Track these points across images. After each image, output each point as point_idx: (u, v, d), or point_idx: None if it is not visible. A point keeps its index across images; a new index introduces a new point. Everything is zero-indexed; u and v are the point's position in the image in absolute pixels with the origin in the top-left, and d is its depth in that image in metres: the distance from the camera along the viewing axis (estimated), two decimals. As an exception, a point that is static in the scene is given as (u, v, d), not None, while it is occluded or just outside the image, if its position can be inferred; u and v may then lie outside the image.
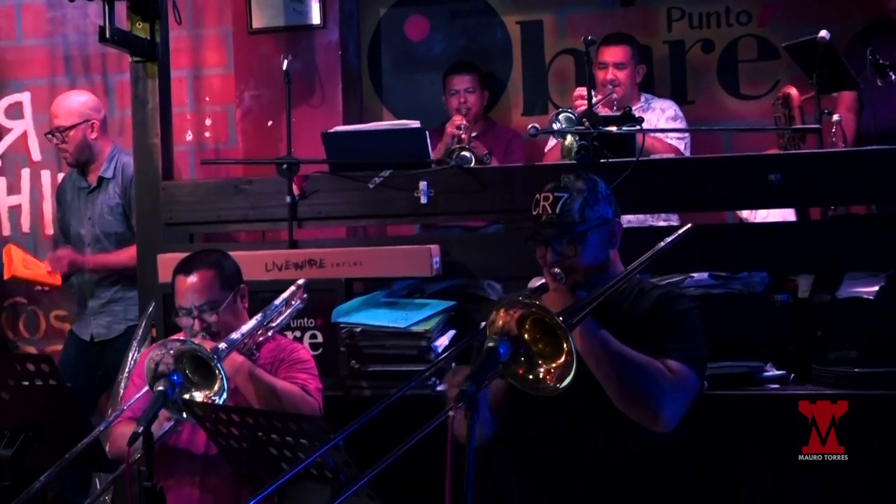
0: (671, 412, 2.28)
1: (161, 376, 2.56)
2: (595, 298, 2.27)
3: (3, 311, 5.55)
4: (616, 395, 2.28)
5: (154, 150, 3.96)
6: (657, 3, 5.09)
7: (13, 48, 5.60)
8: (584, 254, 2.45)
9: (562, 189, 2.47)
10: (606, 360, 2.27)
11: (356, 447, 2.22)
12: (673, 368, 2.32)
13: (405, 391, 2.24)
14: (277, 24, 4.96)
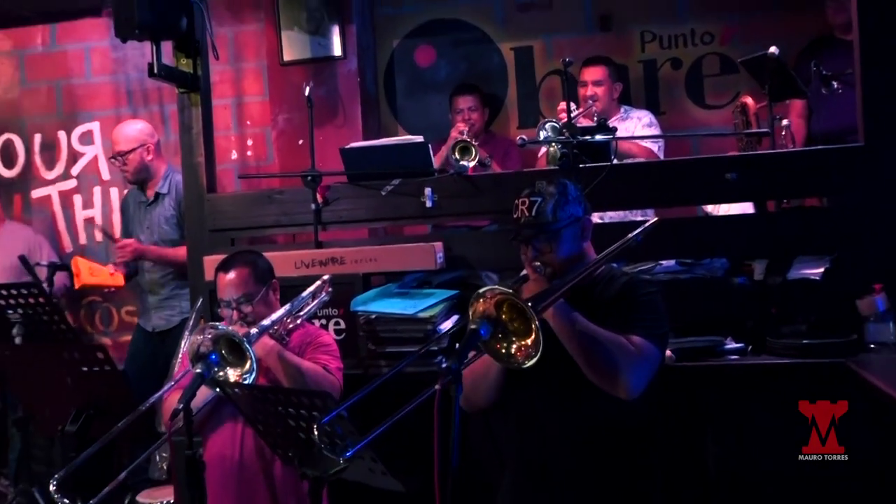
0: (634, 381, 2.25)
1: (202, 357, 2.56)
2: (563, 286, 2.27)
3: (82, 309, 5.60)
4: (585, 367, 2.26)
5: (199, 168, 3.96)
6: (632, 28, 5.04)
7: (83, 84, 5.63)
8: (559, 249, 2.44)
9: (536, 194, 2.46)
10: (576, 338, 2.26)
11: (377, 418, 2.15)
12: (636, 343, 2.30)
13: (399, 369, 2.23)
14: (305, 57, 4.95)
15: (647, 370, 2.30)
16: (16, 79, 5.72)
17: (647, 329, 2.33)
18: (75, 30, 5.59)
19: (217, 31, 5.18)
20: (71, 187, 5.64)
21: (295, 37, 4.95)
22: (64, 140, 5.64)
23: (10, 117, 5.71)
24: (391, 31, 5.29)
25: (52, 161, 5.67)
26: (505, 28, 5.18)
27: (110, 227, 5.47)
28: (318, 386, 2.70)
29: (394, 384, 2.29)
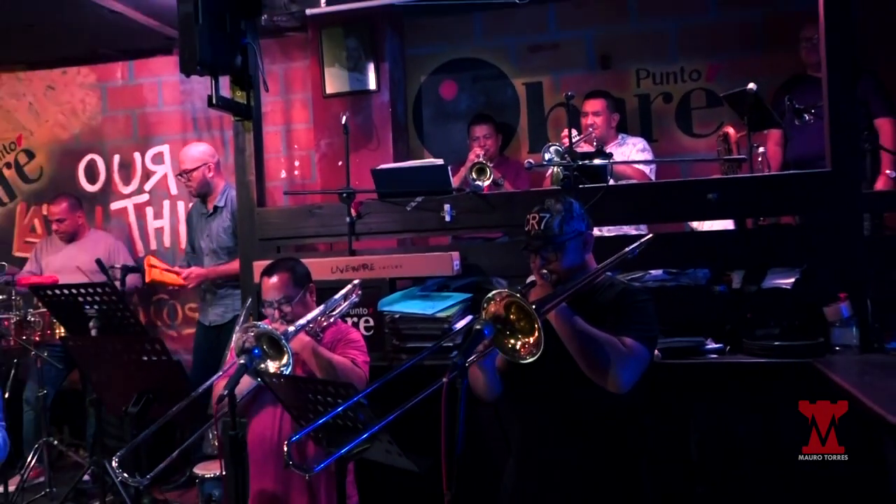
0: (625, 378, 2.21)
1: (246, 350, 2.55)
2: (565, 292, 2.24)
3: (152, 306, 5.63)
4: (583, 364, 2.22)
5: (251, 185, 3.96)
6: (628, 66, 4.98)
7: (156, 112, 5.67)
8: (564, 259, 2.41)
9: (545, 210, 2.44)
10: (575, 338, 2.22)
11: (398, 405, 2.11)
12: (628, 344, 2.25)
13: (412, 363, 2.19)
14: (344, 90, 4.94)
15: (637, 368, 2.25)
16: (99, 108, 5.77)
17: (638, 332, 2.29)
18: (149, 66, 5.63)
19: (270, 67, 5.23)
20: (144, 201, 5.68)
21: (336, 72, 4.95)
22: (139, 160, 5.68)
23: (94, 141, 5.77)
24: (419, 68, 5.27)
25: (128, 178, 5.71)
26: (518, 66, 5.14)
27: (176, 236, 5.51)
28: (346, 377, 2.68)
29: (414, 375, 2.25)
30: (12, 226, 5.93)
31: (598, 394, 2.23)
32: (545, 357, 2.06)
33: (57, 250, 5.15)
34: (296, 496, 2.79)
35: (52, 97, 5.84)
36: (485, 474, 2.59)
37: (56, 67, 5.80)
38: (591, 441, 2.31)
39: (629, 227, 4.12)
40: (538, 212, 2.42)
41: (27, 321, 4.51)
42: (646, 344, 2.29)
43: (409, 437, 2.34)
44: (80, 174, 5.77)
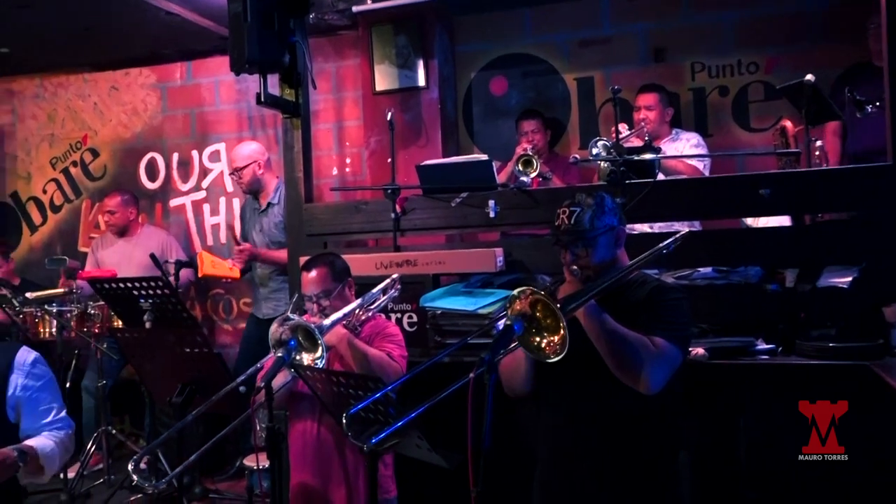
0: (654, 378, 2.13)
1: (282, 343, 2.56)
2: (593, 289, 2.17)
3: (208, 300, 5.76)
4: (611, 364, 2.16)
5: (299, 181, 4.00)
6: (683, 59, 4.84)
7: (213, 111, 5.79)
8: (595, 255, 2.33)
9: (576, 205, 2.37)
10: (603, 336, 2.16)
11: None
12: (658, 344, 2.18)
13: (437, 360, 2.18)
14: (393, 87, 4.95)
15: (667, 369, 2.17)
16: (159, 107, 5.92)
17: (669, 331, 2.21)
18: (206, 66, 5.75)
19: (322, 65, 5.30)
20: (201, 197, 5.80)
21: (386, 70, 4.96)
22: (196, 158, 5.81)
23: (154, 139, 5.93)
24: (469, 65, 5.24)
25: (186, 176, 5.85)
26: (569, 61, 5.06)
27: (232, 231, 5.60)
28: (381, 370, 2.68)
29: (452, 371, 2.23)
30: (78, 222, 6.14)
31: (626, 394, 2.17)
32: (573, 356, 2.01)
33: (111, 245, 5.31)
34: (334, 489, 2.81)
35: (115, 97, 6.02)
36: (518, 471, 2.55)
37: (119, 69, 5.98)
38: (620, 442, 2.25)
39: (681, 224, 4.02)
40: (568, 206, 2.36)
41: (87, 314, 4.66)
42: (677, 344, 2.21)
43: (443, 432, 2.32)
44: (142, 172, 5.94)
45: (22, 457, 2.21)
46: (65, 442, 2.37)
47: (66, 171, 6.18)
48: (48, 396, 2.38)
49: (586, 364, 2.18)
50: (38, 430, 2.35)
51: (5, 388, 2.31)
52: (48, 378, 2.42)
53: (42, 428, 2.36)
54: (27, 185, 6.29)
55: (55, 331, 4.61)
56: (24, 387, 2.33)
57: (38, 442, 2.29)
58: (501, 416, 2.22)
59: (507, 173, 4.27)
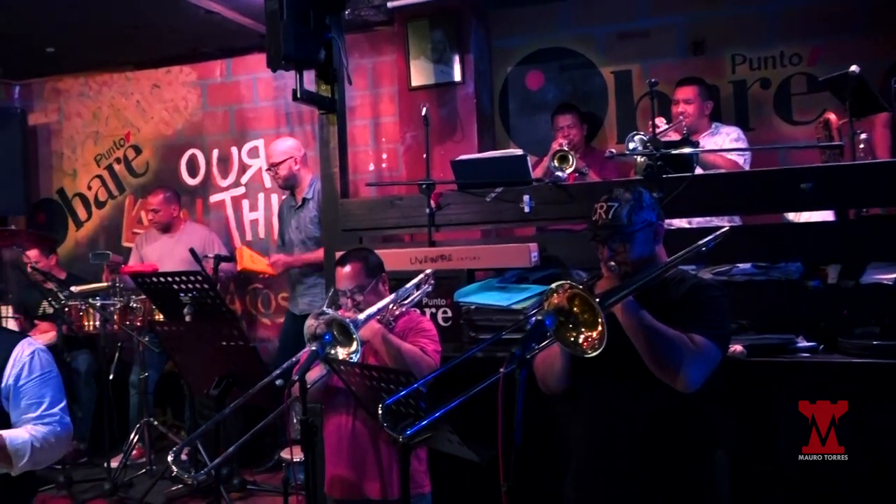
0: (693, 376, 2.10)
1: (317, 338, 2.58)
2: (631, 285, 2.15)
3: (248, 295, 5.82)
4: (649, 361, 2.13)
5: (334, 177, 4.02)
6: (723, 52, 4.76)
7: (252, 108, 5.86)
8: (632, 250, 2.31)
9: (613, 199, 2.35)
10: (642, 333, 2.13)
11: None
12: (697, 341, 2.14)
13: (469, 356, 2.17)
14: (429, 83, 4.95)
15: (706, 367, 2.14)
16: (199, 104, 6.01)
17: (708, 329, 2.17)
18: (245, 63, 5.81)
19: (359, 61, 5.32)
20: (240, 193, 5.88)
21: (421, 65, 4.96)
22: (235, 154, 5.89)
23: (194, 136, 6.02)
24: (506, 59, 5.21)
25: (226, 172, 5.93)
26: (606, 54, 5.01)
27: (270, 228, 5.67)
28: (415, 365, 2.68)
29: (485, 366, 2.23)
30: (121, 217, 6.27)
31: (663, 391, 2.14)
32: (610, 352, 1.99)
33: (154, 241, 5.41)
34: (368, 482, 2.82)
35: (157, 95, 6.13)
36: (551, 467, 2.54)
37: (161, 67, 6.08)
38: (656, 440, 2.22)
39: (721, 219, 3.96)
40: (606, 201, 2.33)
41: (130, 307, 4.75)
42: (716, 342, 2.17)
43: (475, 427, 2.31)
44: (182, 168, 6.04)
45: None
46: (46, 439, 2.31)
47: (109, 168, 6.31)
48: (39, 391, 2.35)
49: (623, 360, 2.16)
50: (21, 423, 2.32)
51: (1, 378, 2.32)
52: (45, 372, 2.39)
53: (26, 421, 2.33)
54: (73, 182, 6.44)
55: (99, 324, 4.71)
56: (17, 377, 2.33)
57: (11, 433, 2.27)
58: (536, 411, 2.22)
59: (543, 169, 4.24)
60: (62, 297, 4.73)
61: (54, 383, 2.41)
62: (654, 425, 2.21)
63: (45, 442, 2.30)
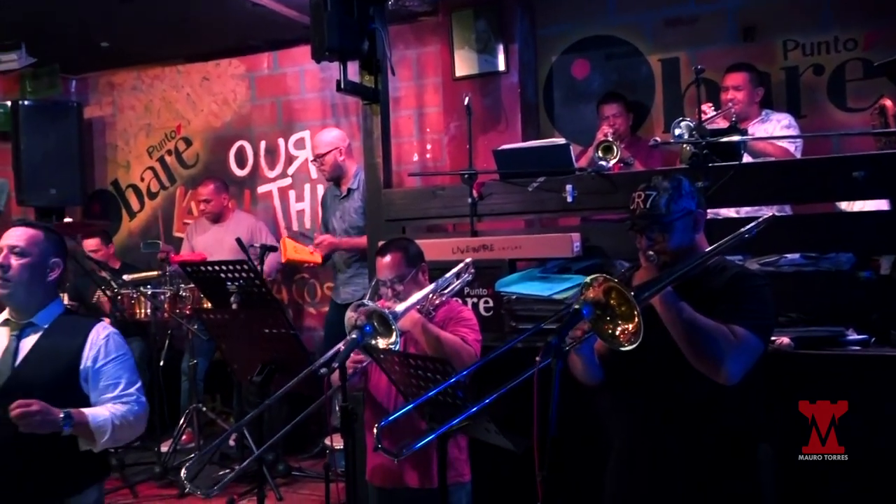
0: (733, 368, 2.06)
1: (357, 327, 2.60)
2: (670, 276, 2.12)
3: (294, 284, 5.91)
4: (688, 353, 2.10)
5: (378, 167, 4.04)
6: (775, 37, 4.62)
7: (299, 100, 5.92)
8: (671, 239, 2.27)
9: (652, 188, 2.31)
10: (680, 325, 2.10)
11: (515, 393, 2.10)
12: (737, 333, 2.10)
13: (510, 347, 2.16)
14: (473, 73, 4.92)
15: (747, 359, 2.09)
16: (247, 97, 6.10)
17: (750, 320, 2.12)
18: (292, 55, 5.87)
19: (403, 52, 5.33)
20: (287, 184, 5.95)
21: (465, 55, 4.94)
22: (282, 146, 5.96)
23: (243, 128, 6.11)
24: (550, 48, 5.16)
25: (273, 163, 6.01)
26: (653, 42, 4.92)
27: (316, 218, 5.72)
28: (455, 354, 2.68)
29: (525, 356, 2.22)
30: (173, 208, 6.41)
31: (703, 384, 2.10)
32: (648, 345, 1.97)
33: (204, 231, 5.52)
34: (408, 470, 2.84)
35: (206, 88, 6.24)
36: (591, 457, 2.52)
37: (210, 60, 6.19)
38: (696, 432, 2.18)
39: (770, 209, 3.86)
40: (644, 189, 2.29)
41: (179, 296, 4.85)
42: (758, 333, 2.12)
43: (515, 417, 2.30)
44: (231, 160, 6.14)
45: (67, 418, 2.24)
46: (125, 416, 2.38)
47: (161, 160, 6.46)
48: (116, 372, 2.43)
49: (662, 352, 2.13)
50: (100, 403, 2.40)
51: (79, 360, 2.40)
52: (119, 354, 2.46)
53: (105, 401, 2.41)
54: (126, 174, 6.61)
55: (150, 312, 4.83)
56: (94, 359, 2.41)
57: (92, 410, 2.35)
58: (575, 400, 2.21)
59: (588, 159, 4.20)
60: (115, 285, 4.86)
61: (129, 365, 2.49)
62: (693, 417, 2.17)
63: (124, 420, 2.38)
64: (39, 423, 2.18)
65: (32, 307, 2.44)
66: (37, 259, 2.40)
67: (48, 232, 2.50)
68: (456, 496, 2.81)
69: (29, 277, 2.38)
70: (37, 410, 2.17)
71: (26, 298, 2.41)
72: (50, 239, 2.47)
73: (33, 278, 2.39)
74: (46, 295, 2.46)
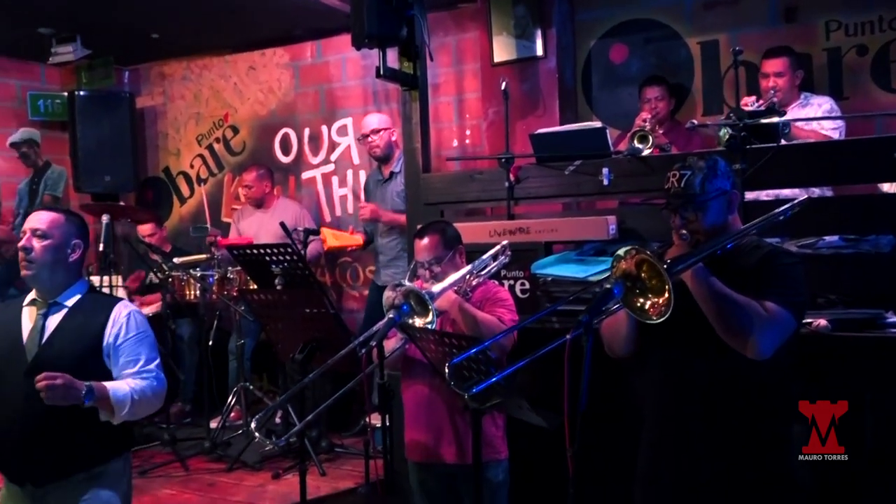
0: (764, 343, 2.04)
1: (395, 307, 2.64)
2: (701, 252, 2.10)
3: (337, 268, 5.97)
4: (718, 327, 2.08)
5: (417, 152, 4.06)
6: (816, 18, 4.50)
7: (340, 87, 5.96)
8: (705, 219, 2.25)
9: (686, 168, 2.29)
10: (711, 299, 2.08)
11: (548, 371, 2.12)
12: (769, 308, 2.07)
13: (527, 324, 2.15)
14: (511, 58, 4.90)
15: (778, 334, 2.07)
16: (291, 85, 6.17)
17: (781, 296, 2.10)
18: (334, 44, 5.90)
19: (443, 39, 5.33)
20: (330, 170, 6.01)
21: (504, 41, 4.93)
22: (325, 133, 6.01)
23: (287, 115, 6.18)
24: (589, 33, 5.10)
25: (316, 149, 6.07)
26: (693, 25, 4.83)
27: (357, 203, 5.76)
28: (492, 334, 2.68)
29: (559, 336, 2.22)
30: (221, 194, 6.53)
31: (735, 359, 2.08)
32: (680, 319, 1.96)
33: (250, 216, 5.62)
34: (445, 446, 2.86)
35: (252, 77, 6.32)
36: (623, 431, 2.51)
37: (256, 50, 6.26)
38: (727, 407, 2.16)
39: (809, 190, 3.78)
40: (679, 169, 2.28)
41: (227, 278, 4.95)
42: (790, 309, 2.09)
43: (547, 394, 2.32)
44: (276, 147, 6.22)
45: (89, 392, 2.30)
46: (144, 392, 2.43)
47: (210, 147, 6.57)
48: (136, 349, 2.48)
49: (693, 327, 2.12)
50: (122, 378, 2.46)
51: (102, 337, 2.47)
52: (140, 332, 2.52)
53: (125, 376, 2.46)
54: (177, 161, 6.74)
55: (199, 293, 4.94)
56: (116, 336, 2.47)
57: (114, 385, 2.41)
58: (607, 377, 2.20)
59: (626, 146, 4.14)
60: (166, 268, 4.98)
61: (149, 342, 2.54)
62: (724, 394, 2.15)
63: (142, 395, 2.44)
64: (63, 394, 2.25)
65: (56, 287, 2.50)
66: (58, 241, 2.46)
67: (69, 215, 2.57)
68: (493, 472, 2.83)
69: (51, 258, 2.44)
70: (61, 383, 2.24)
71: (49, 279, 2.47)
72: (71, 221, 2.53)
73: (56, 259, 2.45)
74: (69, 275, 2.52)
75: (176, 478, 4.30)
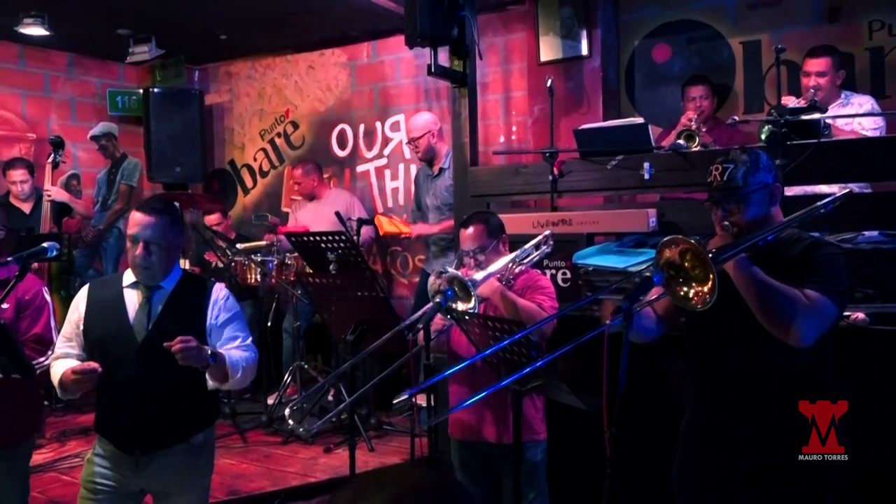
0: (805, 331, 1.96)
1: (440, 292, 2.62)
2: (742, 243, 2.03)
3: (388, 256, 5.99)
4: (760, 316, 2.01)
5: (465, 147, 4.04)
6: (859, 18, 4.33)
7: (394, 86, 5.96)
8: (747, 211, 2.18)
9: (729, 161, 2.22)
10: (753, 288, 2.01)
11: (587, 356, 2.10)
12: (810, 296, 2.00)
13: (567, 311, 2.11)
14: (557, 58, 4.84)
15: (819, 322, 1.99)
16: (348, 83, 6.19)
17: (822, 284, 2.02)
18: (389, 45, 5.91)
19: (492, 39, 5.28)
20: (383, 164, 6.02)
21: (550, 41, 4.86)
22: (379, 129, 6.03)
23: (344, 112, 6.21)
24: (633, 33, 5.00)
25: (370, 144, 6.08)
26: (735, 24, 4.69)
27: (408, 196, 5.77)
28: (532, 320, 2.65)
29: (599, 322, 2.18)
30: (281, 185, 6.60)
31: (777, 347, 2.01)
32: (722, 308, 1.89)
33: (305, 206, 5.67)
34: (486, 426, 2.85)
35: (312, 75, 6.37)
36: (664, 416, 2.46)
37: (315, 50, 6.30)
38: (769, 395, 2.09)
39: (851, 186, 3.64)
40: (721, 162, 2.20)
41: (285, 263, 5.00)
42: (831, 297, 2.01)
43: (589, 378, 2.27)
44: (333, 142, 6.26)
45: (213, 354, 2.37)
46: (248, 360, 2.51)
47: (272, 142, 6.65)
48: (236, 325, 2.55)
49: (736, 316, 2.05)
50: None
51: (205, 317, 2.52)
52: (237, 311, 2.59)
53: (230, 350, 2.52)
54: (241, 154, 6.84)
55: (259, 278, 5.00)
56: (217, 316, 2.53)
57: (228, 352, 2.47)
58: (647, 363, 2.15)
59: (669, 144, 4.04)
60: (229, 253, 5.05)
61: (245, 320, 2.63)
62: (766, 382, 2.08)
63: (247, 364, 2.50)
64: (196, 355, 2.31)
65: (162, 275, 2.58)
66: (169, 244, 2.51)
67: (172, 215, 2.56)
68: (532, 452, 2.80)
69: (166, 259, 2.51)
70: (195, 346, 2.30)
71: (161, 274, 2.54)
72: (174, 221, 2.55)
73: (169, 259, 2.52)
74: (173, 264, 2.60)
75: (235, 449, 4.37)
